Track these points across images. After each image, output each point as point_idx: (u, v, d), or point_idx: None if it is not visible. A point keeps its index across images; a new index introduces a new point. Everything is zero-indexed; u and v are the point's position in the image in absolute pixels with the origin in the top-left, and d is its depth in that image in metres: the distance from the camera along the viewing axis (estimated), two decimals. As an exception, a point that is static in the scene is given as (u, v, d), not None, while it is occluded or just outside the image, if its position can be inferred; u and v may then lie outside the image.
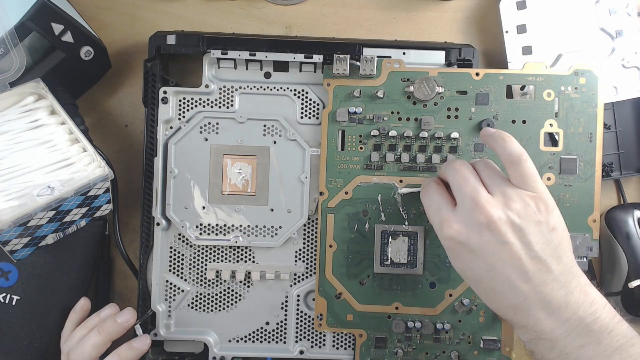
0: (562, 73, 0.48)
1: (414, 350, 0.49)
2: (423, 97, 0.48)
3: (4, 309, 0.49)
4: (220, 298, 0.51)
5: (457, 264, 0.40)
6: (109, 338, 0.46)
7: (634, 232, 0.52)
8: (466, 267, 0.39)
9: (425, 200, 0.42)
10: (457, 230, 0.38)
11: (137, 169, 0.53)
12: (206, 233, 0.50)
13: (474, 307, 0.49)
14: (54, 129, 0.45)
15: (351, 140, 0.49)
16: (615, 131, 0.53)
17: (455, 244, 0.38)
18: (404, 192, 0.47)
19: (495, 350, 0.48)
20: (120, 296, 0.55)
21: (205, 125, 0.50)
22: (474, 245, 0.37)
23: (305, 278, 0.51)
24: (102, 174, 0.45)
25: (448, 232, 0.38)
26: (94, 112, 0.54)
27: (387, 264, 0.49)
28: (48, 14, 0.46)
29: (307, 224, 0.51)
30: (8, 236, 0.43)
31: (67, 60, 0.48)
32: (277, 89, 0.50)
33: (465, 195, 0.38)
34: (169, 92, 0.50)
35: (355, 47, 0.49)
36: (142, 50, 0.52)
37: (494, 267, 0.37)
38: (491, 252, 0.37)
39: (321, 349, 0.51)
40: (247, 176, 0.50)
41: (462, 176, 0.39)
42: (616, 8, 0.51)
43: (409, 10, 0.55)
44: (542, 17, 0.51)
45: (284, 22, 0.55)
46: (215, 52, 0.49)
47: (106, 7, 0.54)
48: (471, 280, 0.39)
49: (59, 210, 0.44)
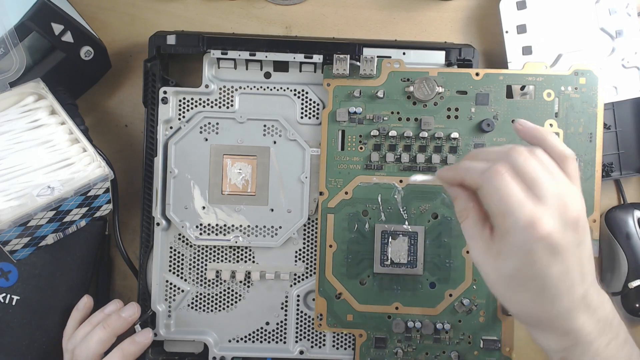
0: (562, 73, 0.48)
1: (414, 350, 0.49)
2: (423, 97, 0.48)
3: (4, 309, 0.49)
4: (220, 298, 0.51)
5: (526, 272, 0.33)
6: (113, 333, 0.46)
7: (634, 232, 0.52)
8: (538, 273, 0.33)
9: (497, 188, 0.33)
10: (553, 228, 0.32)
11: (137, 169, 0.53)
12: (206, 233, 0.50)
13: (474, 307, 0.49)
14: (54, 129, 0.45)
15: (351, 140, 0.49)
16: (615, 131, 0.53)
17: (544, 247, 0.32)
18: (417, 179, 0.41)
19: (495, 350, 0.48)
20: (120, 296, 0.55)
21: (205, 125, 0.50)
22: (563, 245, 0.32)
23: (305, 278, 0.51)
24: (102, 174, 0.45)
25: (542, 230, 0.32)
26: (94, 112, 0.54)
27: (387, 264, 0.49)
28: (48, 14, 0.46)
29: (307, 224, 0.51)
30: (8, 236, 0.43)
31: (67, 60, 0.48)
32: (277, 89, 0.50)
33: (551, 188, 0.33)
34: (169, 92, 0.50)
35: (355, 47, 0.49)
36: (142, 50, 0.52)
37: (568, 269, 0.33)
38: (572, 251, 0.33)
39: (321, 349, 0.51)
40: (247, 176, 0.50)
41: (546, 167, 0.34)
42: (616, 8, 0.51)
43: (409, 10, 0.55)
44: (542, 17, 0.51)
45: (284, 22, 0.55)
46: (215, 52, 0.49)
47: (106, 7, 0.54)
48: (531, 288, 0.34)
49: (59, 210, 0.44)
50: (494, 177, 0.33)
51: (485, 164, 0.35)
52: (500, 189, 0.33)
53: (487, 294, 0.48)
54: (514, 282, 0.34)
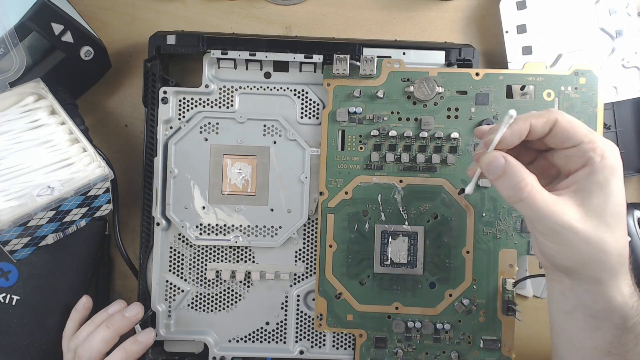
0: (562, 73, 0.48)
1: (414, 350, 0.49)
2: (423, 97, 0.48)
3: (4, 309, 0.49)
4: (220, 298, 0.51)
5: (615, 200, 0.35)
6: (117, 332, 0.46)
7: (634, 232, 0.52)
8: (622, 202, 0.35)
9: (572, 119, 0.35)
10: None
11: (137, 169, 0.53)
12: (206, 233, 0.50)
13: (473, 307, 0.49)
14: (54, 129, 0.45)
15: (351, 140, 0.49)
16: (615, 131, 0.53)
17: (620, 173, 0.35)
18: (469, 190, 0.39)
19: (495, 350, 0.48)
20: (120, 296, 0.55)
21: (205, 125, 0.50)
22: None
23: (305, 278, 0.51)
24: (102, 174, 0.45)
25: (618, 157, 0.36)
26: (94, 112, 0.54)
27: (387, 264, 0.49)
28: (48, 14, 0.46)
29: (307, 224, 0.51)
30: (8, 236, 0.43)
31: (67, 60, 0.48)
32: (277, 89, 0.50)
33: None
34: (169, 92, 0.50)
35: (355, 47, 0.49)
36: (142, 50, 0.52)
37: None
38: None
39: (321, 349, 0.51)
40: (247, 176, 0.50)
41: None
42: (616, 8, 0.51)
43: (409, 10, 0.55)
44: (542, 17, 0.51)
45: (284, 22, 0.55)
46: (215, 52, 0.49)
47: (106, 7, 0.54)
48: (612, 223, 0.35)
49: (59, 210, 0.44)
50: (561, 113, 0.35)
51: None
52: (573, 120, 0.35)
53: (487, 293, 0.48)
54: (602, 221, 0.34)
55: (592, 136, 0.35)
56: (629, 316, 0.36)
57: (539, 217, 0.34)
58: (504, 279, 0.48)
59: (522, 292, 0.55)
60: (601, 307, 0.36)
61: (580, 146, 0.35)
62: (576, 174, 0.35)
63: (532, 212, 0.34)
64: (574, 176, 0.35)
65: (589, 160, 0.34)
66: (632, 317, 0.36)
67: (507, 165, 0.35)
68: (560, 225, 0.34)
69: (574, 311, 0.37)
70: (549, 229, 0.34)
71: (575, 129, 0.35)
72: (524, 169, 0.35)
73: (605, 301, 0.36)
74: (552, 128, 0.35)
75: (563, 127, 0.35)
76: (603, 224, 0.34)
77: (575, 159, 0.35)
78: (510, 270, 0.49)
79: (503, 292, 0.48)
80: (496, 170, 0.35)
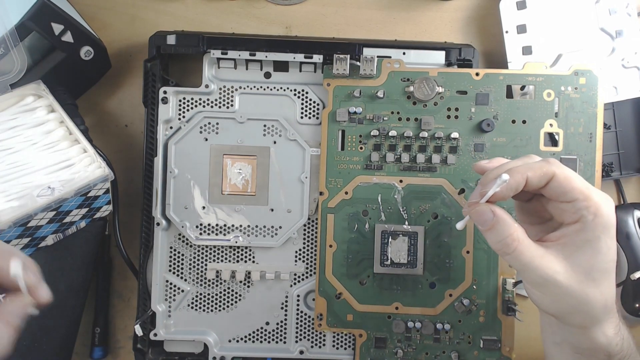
0: (562, 73, 0.48)
1: (414, 350, 0.49)
2: (423, 97, 0.48)
3: (4, 309, 0.49)
4: (220, 298, 0.51)
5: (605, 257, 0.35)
6: None
7: (634, 232, 0.52)
8: (613, 258, 0.36)
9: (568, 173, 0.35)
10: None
11: (137, 169, 0.53)
12: (206, 233, 0.50)
13: (473, 307, 0.49)
14: (54, 129, 0.45)
15: (351, 140, 0.49)
16: (615, 131, 0.53)
17: (613, 231, 0.36)
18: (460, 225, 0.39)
19: (495, 350, 0.48)
20: (120, 296, 0.55)
21: (205, 125, 0.50)
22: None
23: (305, 278, 0.51)
24: (102, 175, 0.45)
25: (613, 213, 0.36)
26: (94, 112, 0.54)
27: (387, 264, 0.49)
28: (48, 14, 0.46)
29: (307, 224, 0.51)
30: (8, 237, 0.43)
31: (67, 60, 0.48)
32: (277, 89, 0.50)
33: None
34: (169, 92, 0.50)
35: (355, 47, 0.49)
36: (142, 50, 0.52)
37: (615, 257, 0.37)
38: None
39: (321, 349, 0.51)
40: (247, 176, 0.50)
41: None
42: (616, 8, 0.51)
43: (409, 10, 0.55)
44: (542, 17, 0.51)
45: (284, 22, 0.55)
46: (215, 52, 0.49)
47: (106, 7, 0.54)
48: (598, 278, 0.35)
49: (59, 211, 0.44)
50: (559, 165, 0.35)
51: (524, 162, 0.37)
52: (572, 174, 0.35)
53: (487, 293, 0.48)
54: (587, 276, 0.35)
55: (587, 192, 0.35)
56: (613, 352, 0.37)
57: (525, 270, 0.35)
58: (504, 279, 0.48)
59: (522, 292, 0.54)
60: (586, 346, 0.37)
61: (574, 203, 0.35)
62: (567, 227, 0.36)
63: (519, 265, 0.35)
64: (564, 229, 0.36)
65: (581, 217, 0.35)
66: (617, 353, 0.37)
67: (496, 220, 0.35)
68: (544, 279, 0.35)
69: (562, 343, 0.39)
70: (534, 280, 0.36)
71: (572, 185, 0.35)
72: (512, 223, 0.35)
73: (589, 342, 0.37)
74: (548, 182, 0.35)
75: (560, 182, 0.35)
76: (589, 279, 0.35)
77: (568, 213, 0.35)
78: (510, 271, 0.49)
79: (503, 292, 0.48)
80: (485, 223, 0.36)
